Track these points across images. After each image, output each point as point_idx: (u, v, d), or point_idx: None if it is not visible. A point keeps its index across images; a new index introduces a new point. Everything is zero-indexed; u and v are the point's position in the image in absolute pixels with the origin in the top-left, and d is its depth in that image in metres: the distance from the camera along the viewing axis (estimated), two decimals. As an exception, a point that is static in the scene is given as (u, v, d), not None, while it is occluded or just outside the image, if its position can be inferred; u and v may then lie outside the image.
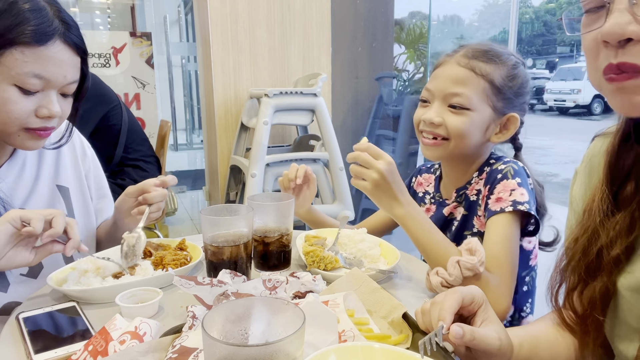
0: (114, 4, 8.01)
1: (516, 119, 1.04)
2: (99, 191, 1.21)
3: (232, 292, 0.76)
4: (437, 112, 1.02)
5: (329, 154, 2.69)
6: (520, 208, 0.94)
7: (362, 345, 0.59)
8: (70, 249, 0.84)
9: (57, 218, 0.82)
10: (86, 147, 1.19)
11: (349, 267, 0.97)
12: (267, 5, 2.92)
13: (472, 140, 1.03)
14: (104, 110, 2.13)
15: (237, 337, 0.53)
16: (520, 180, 0.99)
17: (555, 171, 6.76)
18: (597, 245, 0.64)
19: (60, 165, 1.10)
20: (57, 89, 0.91)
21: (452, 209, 1.12)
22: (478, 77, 0.99)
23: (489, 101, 1.01)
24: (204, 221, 0.90)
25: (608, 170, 0.65)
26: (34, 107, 0.88)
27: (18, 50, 0.83)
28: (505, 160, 1.04)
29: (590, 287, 0.65)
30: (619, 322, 0.65)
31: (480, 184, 1.07)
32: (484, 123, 1.02)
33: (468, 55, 1.02)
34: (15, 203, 0.99)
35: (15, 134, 0.90)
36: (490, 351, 0.61)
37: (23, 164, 1.03)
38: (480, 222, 1.06)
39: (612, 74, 0.51)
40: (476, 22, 6.19)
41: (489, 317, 0.64)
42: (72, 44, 0.90)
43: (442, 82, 1.02)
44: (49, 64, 0.86)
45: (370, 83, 3.78)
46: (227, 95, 2.93)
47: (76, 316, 0.79)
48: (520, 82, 1.04)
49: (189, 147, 8.52)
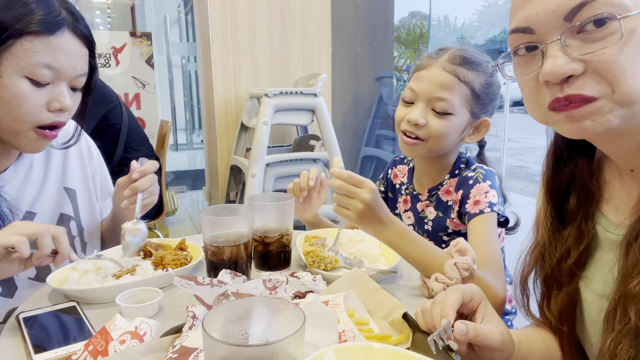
0: (114, 4, 8.01)
1: (489, 123, 1.12)
2: (104, 191, 1.21)
3: (232, 292, 0.76)
4: (422, 114, 1.06)
5: (329, 154, 2.69)
6: (495, 209, 1.02)
7: (363, 345, 0.59)
8: (59, 262, 0.82)
9: (41, 238, 0.78)
10: (92, 148, 1.19)
11: (349, 267, 0.97)
12: (267, 5, 2.92)
13: (449, 142, 1.09)
14: (104, 110, 2.13)
15: (237, 337, 0.53)
16: (491, 183, 1.07)
17: (555, 171, 6.76)
18: (552, 259, 0.69)
19: (68, 167, 1.09)
20: (68, 81, 0.90)
21: (424, 206, 1.19)
22: (462, 84, 1.05)
23: (468, 106, 1.07)
24: (204, 221, 0.90)
25: (547, 190, 0.70)
26: (45, 100, 0.88)
27: (27, 40, 0.83)
28: (473, 168, 1.12)
29: (557, 299, 0.69)
30: (588, 325, 0.67)
31: (452, 187, 1.13)
32: (461, 126, 1.09)
33: (453, 61, 1.05)
34: (22, 205, 0.98)
35: (24, 133, 0.89)
36: (493, 346, 0.62)
37: (30, 166, 1.02)
38: (454, 224, 1.12)
39: (559, 106, 0.56)
40: (476, 22, 6.19)
41: (489, 313, 0.66)
42: (80, 35, 0.90)
43: (428, 85, 1.06)
44: (59, 54, 0.86)
45: (370, 83, 3.79)
46: (227, 95, 2.93)
47: (76, 316, 0.79)
48: (495, 89, 1.11)
49: (189, 147, 8.52)
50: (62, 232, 0.82)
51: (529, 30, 0.56)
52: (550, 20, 0.54)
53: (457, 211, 1.10)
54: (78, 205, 1.10)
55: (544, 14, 0.54)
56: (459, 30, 6.04)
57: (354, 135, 3.79)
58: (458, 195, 1.09)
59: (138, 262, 0.97)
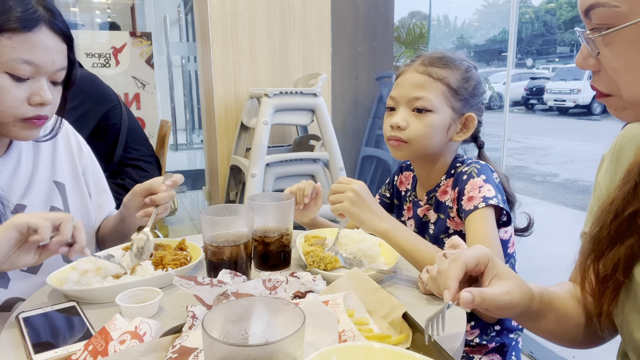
0: (114, 4, 8.02)
1: (474, 118, 1.12)
2: (98, 187, 1.22)
3: (232, 292, 0.76)
4: (402, 117, 1.10)
5: (329, 154, 2.69)
6: (491, 203, 1.01)
7: (362, 345, 0.59)
8: (74, 253, 0.84)
9: (65, 224, 0.81)
10: (82, 144, 1.20)
11: (349, 267, 0.97)
12: (267, 5, 2.92)
13: (434, 141, 1.10)
14: (104, 109, 2.13)
15: (237, 337, 0.53)
16: (486, 177, 1.06)
17: (555, 171, 6.77)
18: (630, 208, 0.64)
19: (57, 162, 1.11)
20: (47, 75, 0.93)
21: (425, 210, 1.19)
22: (435, 81, 1.08)
23: (448, 102, 1.09)
24: (204, 221, 0.90)
25: None
26: (26, 95, 0.91)
27: (6, 37, 0.86)
28: (468, 162, 1.12)
29: (617, 250, 0.66)
30: (633, 308, 0.66)
31: (449, 186, 1.13)
32: (445, 123, 1.10)
33: (425, 62, 1.10)
34: (12, 198, 0.99)
35: (10, 124, 0.92)
36: (502, 307, 0.63)
37: (18, 160, 1.04)
38: (455, 223, 1.11)
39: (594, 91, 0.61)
40: (476, 22, 6.20)
41: (498, 273, 0.65)
42: (58, 31, 0.93)
43: (404, 88, 1.11)
44: (37, 49, 0.89)
45: (370, 83, 3.78)
46: (227, 95, 2.93)
47: (76, 316, 0.79)
48: (474, 83, 1.13)
49: (189, 147, 8.52)
50: (81, 225, 0.85)
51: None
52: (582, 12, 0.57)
53: (456, 209, 1.10)
54: (68, 200, 1.11)
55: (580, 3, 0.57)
56: (459, 30, 6.04)
57: (354, 135, 3.79)
58: (454, 192, 1.09)
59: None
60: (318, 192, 1.18)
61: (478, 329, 1.14)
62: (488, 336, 1.14)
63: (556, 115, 13.79)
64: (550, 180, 6.23)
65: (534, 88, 14.74)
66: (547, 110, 14.34)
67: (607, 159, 0.76)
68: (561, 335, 0.75)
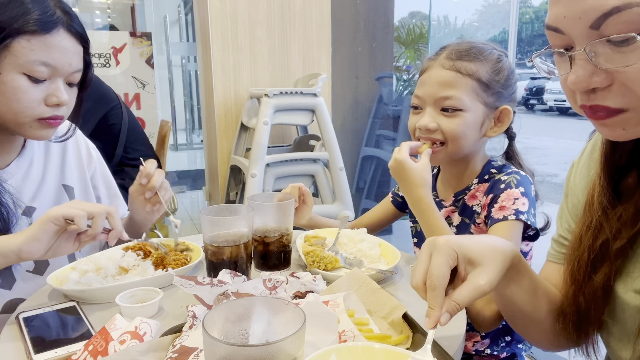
0: (114, 4, 8.01)
1: (509, 111, 1.04)
2: (109, 191, 1.24)
3: (232, 292, 0.76)
4: (431, 118, 1.02)
5: (329, 154, 2.69)
6: (521, 218, 0.95)
7: (363, 345, 0.59)
8: (113, 239, 0.88)
9: (97, 218, 0.84)
10: (92, 149, 1.22)
11: (349, 267, 0.97)
12: (267, 5, 2.92)
13: (469, 140, 1.03)
14: (104, 110, 2.13)
15: (238, 337, 0.53)
16: (524, 190, 0.99)
17: (555, 171, 6.76)
18: (600, 239, 0.64)
19: (66, 165, 1.12)
20: (64, 77, 0.95)
21: (449, 212, 1.12)
22: (465, 77, 0.99)
23: (480, 98, 1.01)
24: (204, 221, 0.90)
25: (605, 163, 0.66)
26: (43, 96, 0.92)
27: (24, 39, 0.87)
28: (508, 172, 1.05)
29: (592, 282, 0.66)
30: (616, 323, 0.66)
31: (480, 192, 1.07)
32: (478, 121, 1.02)
33: (451, 56, 1.01)
34: (23, 200, 1.01)
35: (27, 124, 0.93)
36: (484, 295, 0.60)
37: (30, 162, 1.06)
38: (480, 230, 1.06)
39: (589, 112, 0.55)
40: (476, 22, 6.19)
41: (470, 259, 0.61)
42: (75, 33, 0.94)
43: (430, 87, 1.02)
44: (55, 51, 0.90)
45: (370, 83, 3.78)
46: (227, 95, 2.93)
47: (76, 316, 0.79)
48: (506, 74, 1.04)
49: (189, 147, 8.51)
50: (115, 211, 0.88)
51: (559, 31, 0.54)
52: (577, 26, 0.52)
53: (484, 216, 1.03)
54: None
55: (570, 19, 0.52)
56: (459, 30, 6.04)
57: (354, 135, 3.79)
58: (487, 199, 1.02)
59: (138, 262, 0.97)
60: (304, 192, 1.15)
61: (488, 339, 1.11)
62: (499, 347, 1.11)
63: (556, 115, 13.78)
64: (550, 180, 6.22)
65: (534, 88, 14.71)
66: (547, 110, 14.32)
67: (577, 166, 0.76)
68: (531, 312, 0.71)
